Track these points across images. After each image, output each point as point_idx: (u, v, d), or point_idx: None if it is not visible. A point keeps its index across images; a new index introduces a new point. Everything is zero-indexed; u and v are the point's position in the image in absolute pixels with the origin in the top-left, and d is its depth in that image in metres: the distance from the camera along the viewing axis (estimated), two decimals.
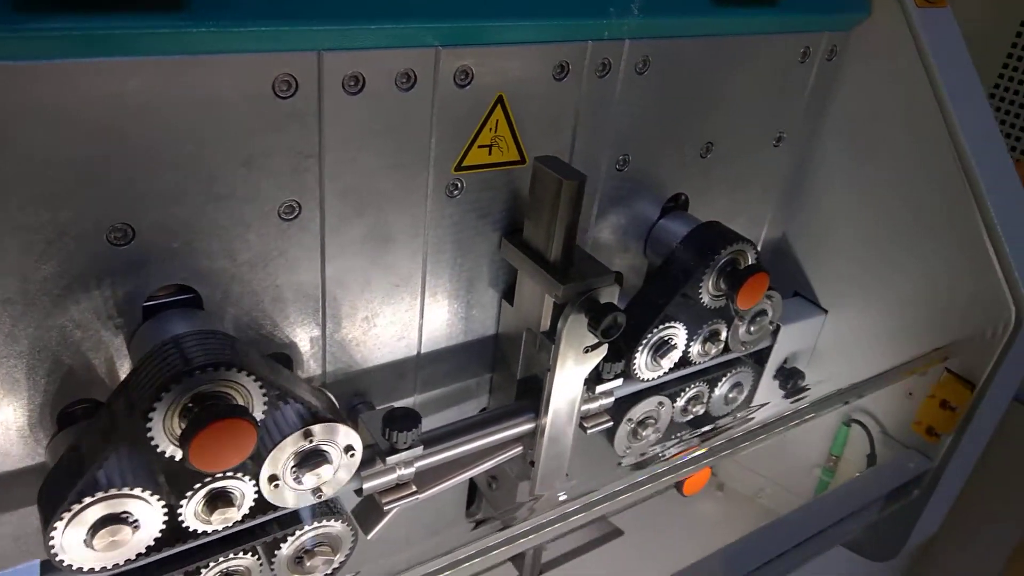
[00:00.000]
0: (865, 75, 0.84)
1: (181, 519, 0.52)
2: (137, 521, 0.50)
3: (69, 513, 0.46)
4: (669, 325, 0.75)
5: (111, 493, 0.47)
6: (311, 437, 0.54)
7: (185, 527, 0.53)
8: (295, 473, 0.55)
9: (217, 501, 0.52)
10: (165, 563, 0.53)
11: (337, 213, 0.58)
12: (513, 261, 0.69)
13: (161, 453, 0.49)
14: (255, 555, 0.58)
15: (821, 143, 0.89)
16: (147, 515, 0.50)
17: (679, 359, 0.78)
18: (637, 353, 0.75)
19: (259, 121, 0.51)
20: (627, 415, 0.79)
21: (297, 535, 0.59)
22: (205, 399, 0.48)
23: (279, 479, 0.54)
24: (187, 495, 0.51)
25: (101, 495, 0.46)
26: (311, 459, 0.55)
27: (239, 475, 0.53)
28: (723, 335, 0.81)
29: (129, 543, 0.50)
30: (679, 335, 0.77)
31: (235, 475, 0.53)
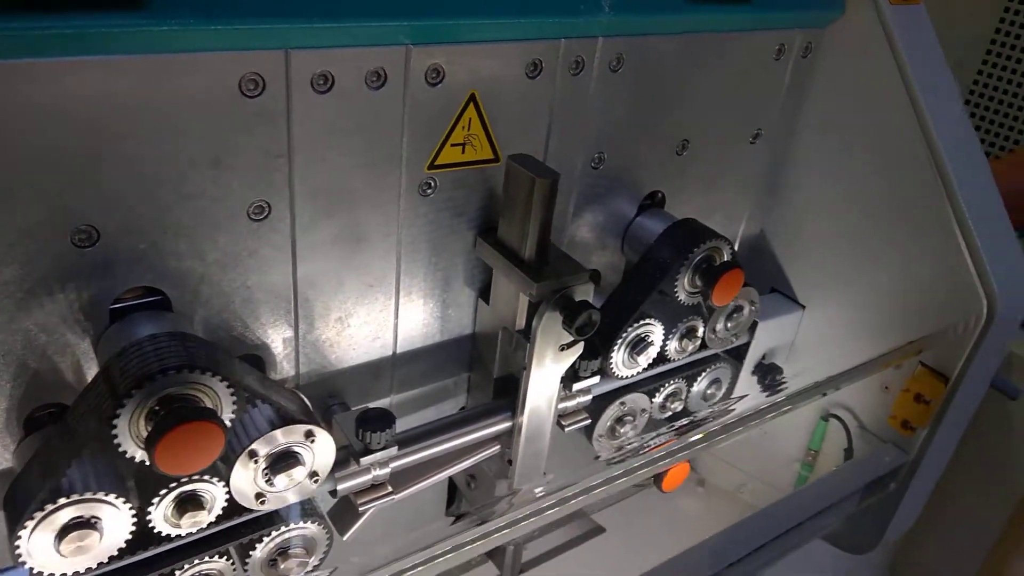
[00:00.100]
0: (840, 72, 0.84)
1: (150, 523, 0.52)
2: (105, 526, 0.49)
3: (34, 520, 0.45)
4: (646, 322, 0.76)
5: (77, 498, 0.46)
6: (283, 439, 0.54)
7: (155, 531, 0.52)
8: (267, 475, 0.54)
9: (187, 505, 0.52)
10: (136, 567, 0.52)
11: (308, 213, 0.58)
12: (488, 260, 0.69)
13: (129, 457, 0.49)
14: (228, 558, 0.58)
15: (798, 140, 0.89)
16: (115, 519, 0.49)
17: (657, 356, 0.79)
18: (614, 350, 0.75)
19: (226, 120, 0.50)
20: (605, 412, 0.79)
21: (271, 537, 0.59)
22: (172, 402, 0.48)
23: (251, 482, 0.54)
24: (156, 499, 0.51)
25: (64, 501, 0.46)
26: (283, 461, 0.55)
27: (209, 478, 0.52)
28: (700, 332, 0.81)
29: (98, 548, 0.49)
30: (656, 332, 0.77)
31: (205, 478, 0.52)
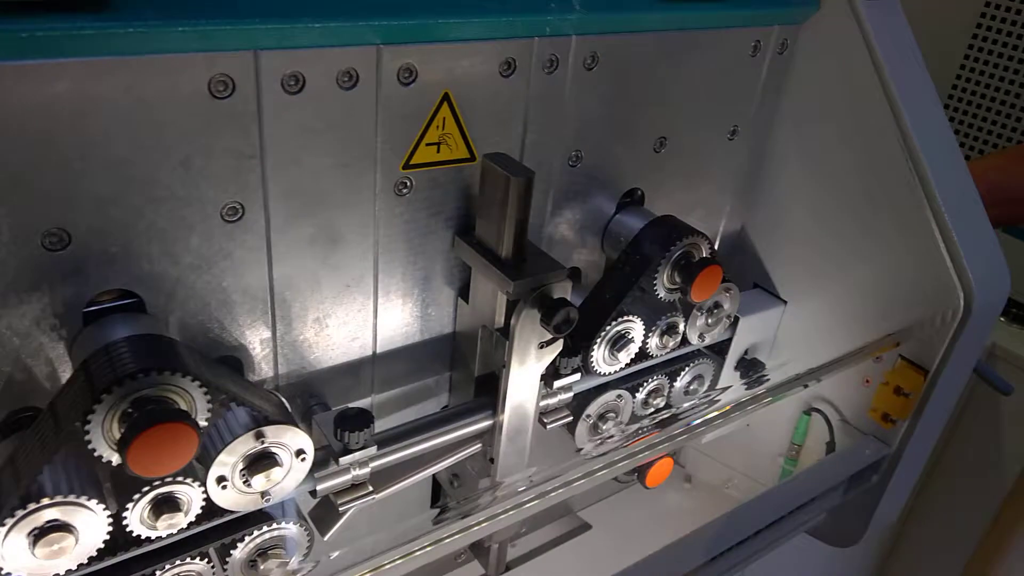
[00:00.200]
0: (817, 68, 0.85)
1: (127, 526, 0.52)
2: (81, 529, 0.49)
3: (8, 523, 0.45)
4: (626, 319, 0.76)
5: (51, 501, 0.46)
6: (260, 440, 0.54)
7: (132, 534, 0.52)
8: (244, 476, 0.54)
9: (163, 507, 0.52)
10: (114, 570, 0.53)
11: (282, 214, 0.58)
12: (466, 259, 0.69)
13: (103, 460, 0.49)
14: (207, 560, 0.58)
15: (776, 136, 0.90)
16: (91, 522, 0.49)
17: (638, 352, 0.79)
18: (594, 348, 0.75)
19: (196, 122, 0.50)
20: (587, 409, 0.79)
21: (250, 538, 0.59)
22: (145, 404, 0.48)
23: (228, 483, 0.54)
24: (131, 501, 0.51)
25: (35, 506, 0.46)
26: (260, 462, 0.55)
27: (186, 480, 0.52)
28: (681, 328, 0.81)
29: (73, 551, 0.49)
30: (636, 329, 0.77)
31: (181, 480, 0.52)
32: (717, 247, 0.95)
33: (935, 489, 1.58)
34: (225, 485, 0.54)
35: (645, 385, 0.84)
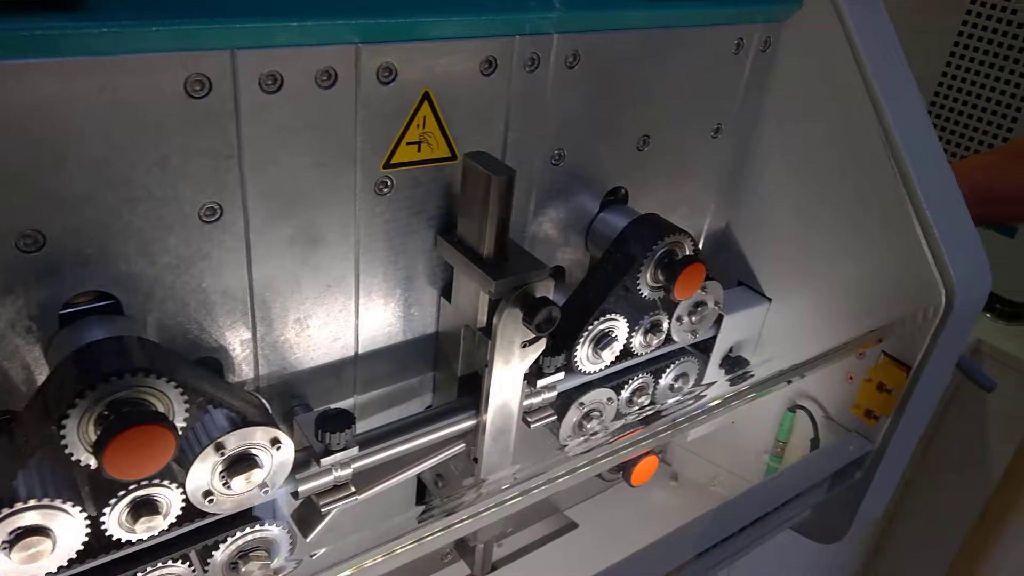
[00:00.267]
0: (800, 66, 0.85)
1: (105, 529, 0.51)
2: (58, 532, 0.49)
3: None
4: (609, 318, 0.76)
5: (25, 505, 0.46)
6: (239, 441, 0.53)
7: (111, 537, 0.52)
8: (224, 478, 0.54)
9: (141, 510, 0.52)
10: (93, 574, 0.52)
11: (261, 214, 0.57)
12: (448, 258, 0.69)
13: (79, 463, 0.49)
14: (187, 563, 0.58)
15: (760, 134, 0.90)
16: (69, 526, 0.49)
17: (622, 351, 0.79)
18: (578, 346, 0.75)
19: (172, 122, 0.50)
20: (572, 408, 0.79)
21: (231, 540, 0.59)
22: (121, 406, 0.47)
23: (207, 486, 0.54)
24: (109, 504, 0.50)
25: (8, 511, 0.45)
26: (240, 464, 0.54)
27: (164, 482, 0.52)
28: (664, 326, 0.81)
29: (51, 555, 0.49)
30: (620, 327, 0.77)
31: (160, 482, 0.52)
32: (702, 245, 0.96)
33: (920, 486, 1.59)
34: (206, 490, 0.53)
35: (630, 383, 0.84)
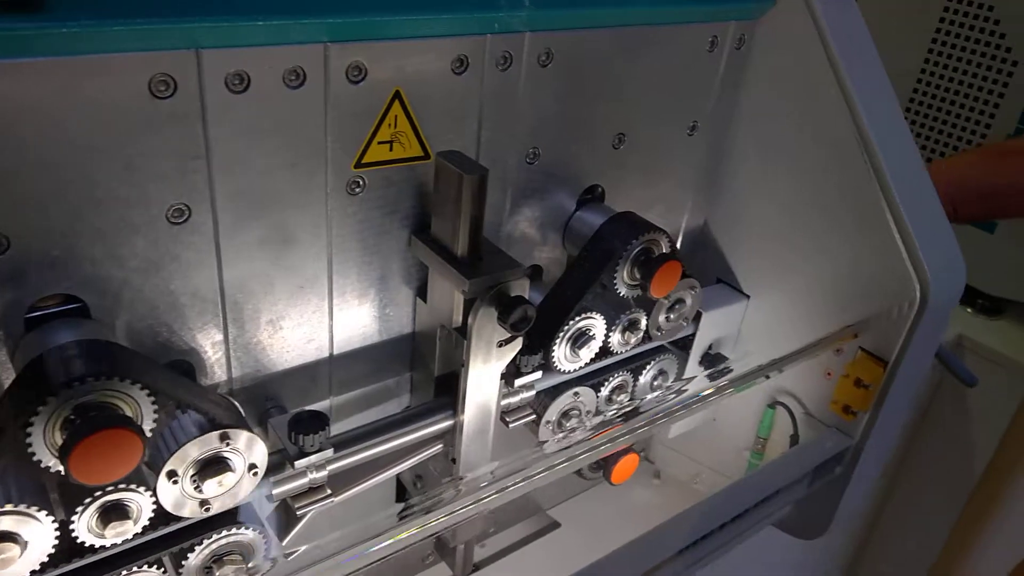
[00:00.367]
0: (775, 63, 0.85)
1: (75, 535, 0.51)
2: (27, 538, 0.48)
3: None
4: (586, 316, 0.76)
5: None
6: (210, 445, 0.53)
7: (82, 543, 0.51)
8: (195, 482, 0.54)
9: (111, 514, 0.51)
10: None
11: (231, 215, 0.57)
12: (423, 258, 0.69)
13: (46, 468, 0.48)
14: (161, 567, 0.57)
15: (735, 132, 0.90)
16: (38, 532, 0.49)
17: (600, 349, 0.79)
18: (555, 345, 0.75)
19: (137, 122, 0.50)
20: (550, 407, 0.79)
21: (205, 545, 0.58)
22: (88, 410, 0.47)
23: (179, 489, 0.53)
24: (78, 510, 0.50)
25: None
26: (212, 467, 0.54)
27: (134, 487, 0.52)
28: (642, 324, 0.81)
29: (19, 561, 0.48)
30: (597, 326, 0.77)
31: (130, 487, 0.51)
32: (680, 243, 0.96)
33: (904, 482, 1.60)
34: (176, 490, 0.53)
35: (609, 382, 0.84)
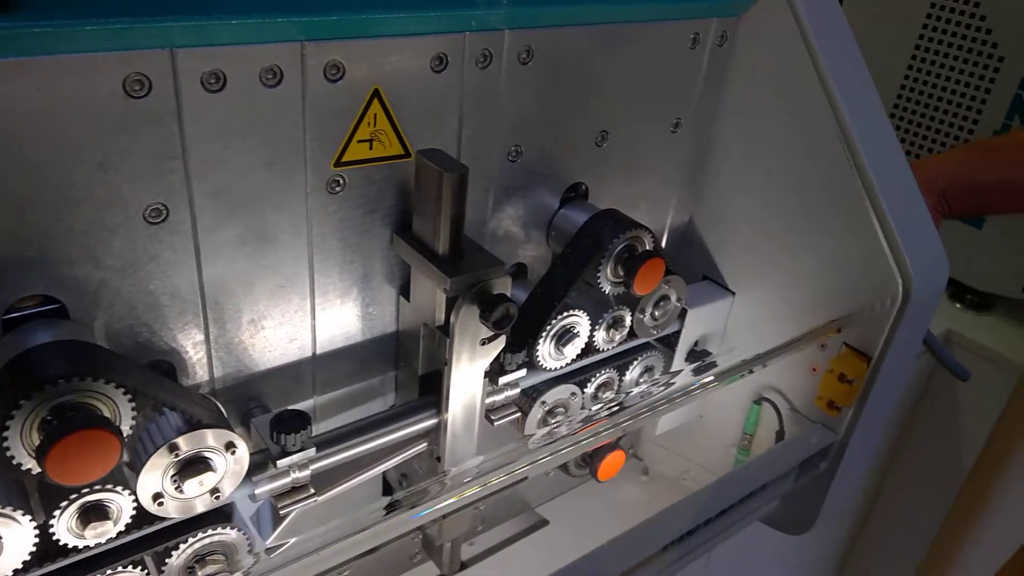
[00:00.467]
0: (757, 60, 0.85)
1: (55, 536, 0.51)
2: (6, 540, 0.48)
3: None
4: (571, 314, 0.76)
5: None
6: (190, 445, 0.53)
7: (61, 544, 0.51)
8: (176, 482, 0.54)
9: (90, 515, 0.51)
10: None
11: (209, 215, 0.57)
12: (405, 256, 0.69)
13: (26, 470, 0.48)
14: (143, 568, 0.57)
15: (719, 129, 0.90)
16: (16, 533, 0.49)
17: (585, 347, 0.79)
18: (540, 343, 0.75)
19: (112, 122, 0.49)
20: (536, 405, 0.79)
21: (188, 545, 0.58)
22: (65, 411, 0.47)
23: (159, 489, 0.53)
24: (56, 512, 0.50)
25: None
26: (192, 467, 0.54)
27: (115, 487, 0.52)
28: (627, 321, 0.81)
29: None
30: (582, 323, 0.77)
31: (109, 487, 0.51)
32: (666, 240, 0.96)
33: (894, 476, 1.61)
34: (157, 494, 0.53)
35: (594, 379, 0.84)
